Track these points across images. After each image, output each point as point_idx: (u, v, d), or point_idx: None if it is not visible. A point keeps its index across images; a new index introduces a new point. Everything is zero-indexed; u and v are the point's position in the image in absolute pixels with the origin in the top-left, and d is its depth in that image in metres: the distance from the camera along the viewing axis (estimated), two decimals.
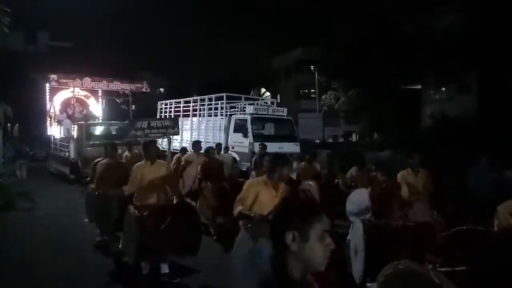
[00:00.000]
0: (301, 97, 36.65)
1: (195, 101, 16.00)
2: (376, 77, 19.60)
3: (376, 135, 23.46)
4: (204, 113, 14.99)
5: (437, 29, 17.86)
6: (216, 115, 14.28)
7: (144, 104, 28.77)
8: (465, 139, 12.83)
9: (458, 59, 15.64)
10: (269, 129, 13.82)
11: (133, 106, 23.62)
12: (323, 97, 26.77)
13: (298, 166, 8.38)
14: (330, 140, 27.45)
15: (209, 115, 14.67)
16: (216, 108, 14.39)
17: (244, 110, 13.66)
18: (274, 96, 33.11)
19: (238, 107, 14.32)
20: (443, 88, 21.12)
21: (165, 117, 16.38)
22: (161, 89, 43.60)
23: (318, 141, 22.09)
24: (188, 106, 16.19)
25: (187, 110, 16.12)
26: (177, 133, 12.85)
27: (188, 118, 15.79)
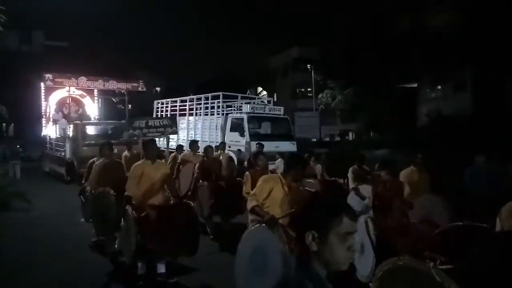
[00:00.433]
0: (298, 96, 36.66)
1: (191, 100, 15.96)
2: (373, 76, 19.64)
3: (373, 134, 23.50)
4: (201, 112, 14.95)
5: (432, 28, 17.93)
6: (212, 114, 14.26)
7: (140, 103, 28.66)
8: (460, 137, 12.89)
9: (454, 57, 15.70)
10: (266, 128, 13.82)
11: (129, 105, 23.56)
12: (320, 96, 26.82)
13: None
14: (326, 139, 27.48)
15: (206, 114, 14.64)
16: (213, 107, 14.36)
17: (240, 109, 13.64)
18: (271, 95, 33.11)
19: (234, 106, 14.31)
20: (439, 87, 21.20)
21: (161, 116, 16.33)
22: (158, 89, 43.47)
23: (315, 139, 22.13)
24: (184, 105, 16.16)
25: (184, 109, 16.09)
26: (176, 132, 12.80)
27: (185, 117, 15.76)
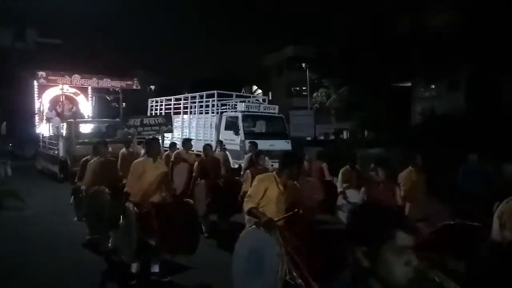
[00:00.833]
0: (293, 94, 36.69)
1: (186, 98, 15.92)
2: (367, 74, 19.72)
3: (367, 133, 23.61)
4: (195, 111, 14.92)
5: (428, 27, 18.03)
6: (207, 112, 14.22)
7: (135, 101, 28.53)
8: (454, 136, 12.98)
9: (451, 57, 15.81)
10: (261, 126, 13.83)
11: (124, 103, 23.43)
12: (315, 94, 26.88)
13: None
14: (321, 137, 27.55)
15: (200, 113, 14.60)
16: (207, 106, 14.32)
17: (235, 108, 13.63)
18: (265, 93, 33.10)
19: (229, 105, 14.29)
20: (433, 86, 21.34)
21: (155, 114, 16.27)
22: (152, 87, 43.29)
23: (310, 138, 22.16)
24: (179, 104, 16.11)
25: (178, 108, 16.04)
26: (171, 131, 12.77)
27: (179, 115, 15.71)
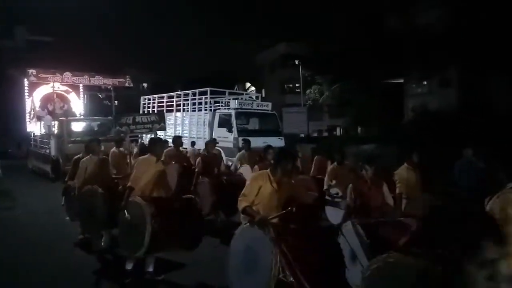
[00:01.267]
0: (286, 91, 36.74)
1: (178, 96, 15.85)
2: (360, 71, 19.80)
3: (360, 129, 23.72)
4: (188, 108, 14.87)
5: (420, 24, 18.13)
6: (200, 110, 14.19)
7: (127, 99, 28.35)
8: (445, 132, 13.10)
9: (440, 53, 15.93)
10: (254, 123, 13.83)
11: (116, 101, 23.27)
12: (308, 91, 26.94)
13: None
14: (314, 134, 27.63)
15: (193, 110, 14.55)
16: (200, 103, 14.28)
17: (228, 105, 13.61)
18: (259, 91, 33.09)
19: (222, 102, 14.26)
20: (424, 82, 21.49)
21: (148, 112, 16.17)
22: (145, 85, 43.03)
23: (303, 135, 22.22)
24: (171, 101, 16.04)
25: (171, 105, 15.96)
26: (164, 129, 12.64)
27: (172, 113, 15.65)
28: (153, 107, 16.90)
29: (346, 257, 4.01)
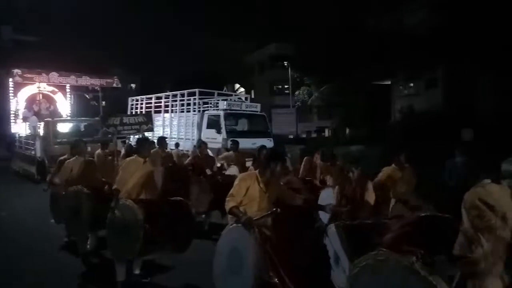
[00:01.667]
0: (275, 92, 36.83)
1: (167, 97, 15.75)
2: (348, 72, 19.96)
3: (348, 130, 23.91)
4: (177, 109, 14.80)
5: (406, 25, 18.37)
6: (188, 111, 14.12)
7: (115, 100, 28.06)
8: (432, 132, 13.29)
9: (426, 54, 16.14)
10: (243, 125, 13.81)
11: (104, 102, 23.06)
12: (297, 92, 27.04)
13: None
14: (303, 135, 27.75)
15: (182, 111, 14.48)
16: (189, 104, 14.21)
17: (217, 106, 13.57)
18: (248, 92, 33.11)
19: (211, 103, 14.22)
20: (411, 84, 21.77)
21: (136, 113, 16.04)
22: (133, 85, 42.67)
23: (292, 136, 22.31)
24: (159, 102, 15.94)
25: (159, 106, 15.86)
26: (152, 130, 12.54)
27: (160, 114, 15.56)
28: (141, 108, 16.76)
29: (331, 258, 4.00)
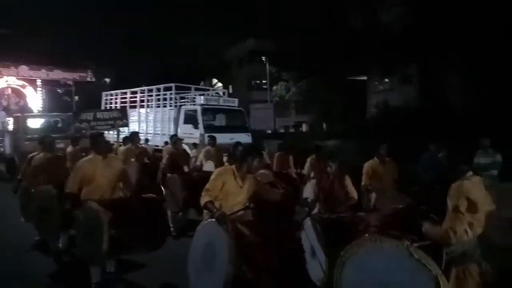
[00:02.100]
0: (253, 88, 36.78)
1: (142, 91, 15.49)
2: (325, 68, 20.16)
3: (326, 125, 24.19)
4: (153, 104, 14.57)
5: (382, 22, 18.66)
6: (165, 106, 13.94)
7: (89, 95, 27.31)
8: (406, 127, 13.61)
9: (400, 51, 16.47)
10: (220, 120, 13.75)
11: (77, 97, 22.45)
12: (275, 88, 27.11)
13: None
14: (281, 130, 27.90)
15: (158, 106, 14.28)
16: (165, 99, 14.05)
17: (194, 101, 13.45)
18: (226, 86, 32.92)
19: (188, 98, 14.08)
20: (386, 79, 22.19)
21: (110, 108, 15.69)
22: (107, 79, 41.65)
23: (270, 131, 22.38)
24: (135, 97, 15.66)
25: (134, 101, 15.59)
26: (126, 125, 12.37)
27: (136, 109, 15.29)
28: (116, 103, 16.42)
29: (307, 252, 4.04)
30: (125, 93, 16.27)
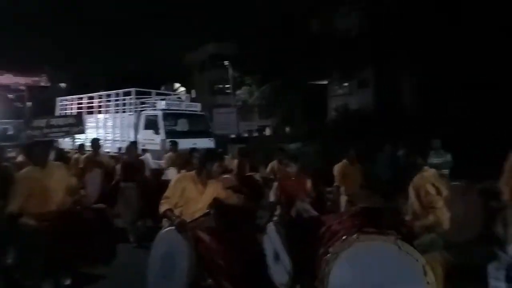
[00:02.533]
0: (216, 92, 36.64)
1: (100, 97, 14.99)
2: (287, 73, 20.48)
3: (288, 129, 24.52)
4: (111, 110, 14.16)
5: (339, 28, 19.23)
6: (124, 111, 13.58)
7: (43, 101, 26.05)
8: (364, 130, 14.07)
9: (357, 56, 17.06)
10: (183, 125, 13.54)
11: (30, 102, 21.38)
12: (238, 92, 27.20)
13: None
14: (245, 134, 27.96)
15: (117, 112, 13.89)
16: (125, 104, 13.68)
17: (155, 106, 13.20)
18: (189, 91, 32.54)
19: (148, 103, 13.80)
20: (346, 84, 22.88)
21: (65, 114, 15.05)
22: (63, 84, 39.90)
23: (234, 136, 22.37)
24: (92, 103, 15.13)
25: (92, 107, 15.06)
26: (82, 132, 11.90)
27: (93, 115, 14.77)
28: (72, 109, 15.78)
29: (269, 256, 4.08)
30: (82, 98, 15.68)
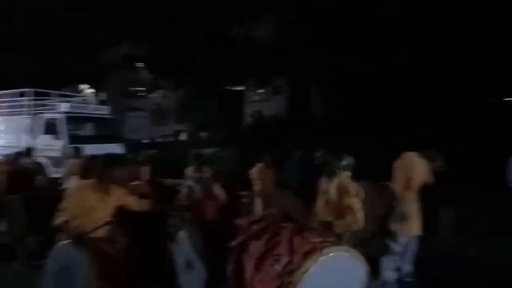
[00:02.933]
0: (130, 95, 35.07)
1: None
2: (202, 77, 20.40)
3: (204, 134, 24.39)
4: (3, 112, 12.75)
5: (257, 34, 19.79)
6: (19, 114, 12.32)
7: None
8: (278, 135, 14.62)
9: (271, 64, 17.71)
10: (89, 129, 12.73)
11: None
12: (152, 95, 26.32)
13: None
14: (160, 139, 27.15)
15: (10, 114, 12.55)
16: (21, 106, 12.40)
17: (56, 108, 12.19)
18: (99, 93, 30.54)
19: (49, 105, 12.69)
20: (261, 90, 23.56)
21: None
22: None
23: (147, 141, 21.59)
24: None
25: None
26: None
27: None
28: None
29: (181, 264, 3.99)
30: None
